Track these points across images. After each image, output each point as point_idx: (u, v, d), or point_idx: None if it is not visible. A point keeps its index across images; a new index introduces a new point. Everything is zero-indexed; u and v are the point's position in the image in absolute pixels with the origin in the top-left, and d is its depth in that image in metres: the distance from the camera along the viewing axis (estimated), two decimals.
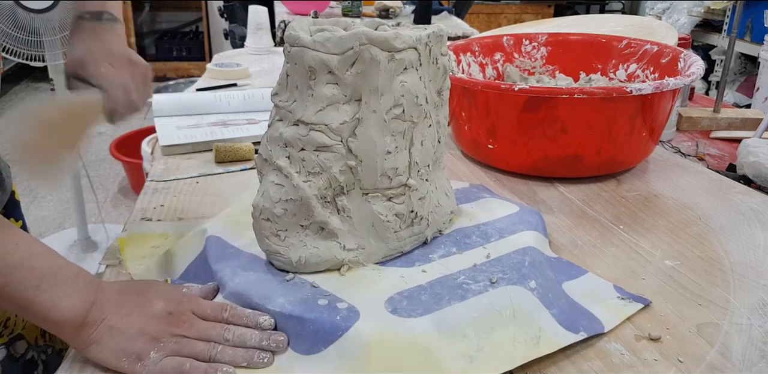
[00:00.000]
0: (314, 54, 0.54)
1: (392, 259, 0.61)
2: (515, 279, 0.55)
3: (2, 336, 0.66)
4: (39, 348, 0.70)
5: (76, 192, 2.03)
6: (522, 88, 0.79)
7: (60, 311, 0.48)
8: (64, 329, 0.49)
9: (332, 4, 2.45)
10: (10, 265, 0.47)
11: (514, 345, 0.50)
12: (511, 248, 0.61)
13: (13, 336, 0.67)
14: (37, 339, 0.70)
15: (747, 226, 0.74)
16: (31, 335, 0.70)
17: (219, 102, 1.11)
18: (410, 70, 0.57)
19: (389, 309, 0.52)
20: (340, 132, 0.56)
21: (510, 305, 0.53)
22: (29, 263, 0.48)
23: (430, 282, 0.56)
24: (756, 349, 0.52)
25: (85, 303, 0.49)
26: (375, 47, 0.54)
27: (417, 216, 0.61)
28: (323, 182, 0.57)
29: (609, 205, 0.79)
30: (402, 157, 0.59)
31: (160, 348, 0.49)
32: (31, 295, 0.48)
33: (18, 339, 0.67)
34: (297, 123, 0.56)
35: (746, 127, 1.22)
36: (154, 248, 0.67)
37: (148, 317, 0.51)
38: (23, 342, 0.68)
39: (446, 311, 0.52)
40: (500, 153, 0.88)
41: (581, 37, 1.07)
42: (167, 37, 4.28)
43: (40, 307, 0.48)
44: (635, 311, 0.57)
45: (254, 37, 1.63)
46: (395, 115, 0.57)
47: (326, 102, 0.55)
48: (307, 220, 0.57)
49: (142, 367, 0.49)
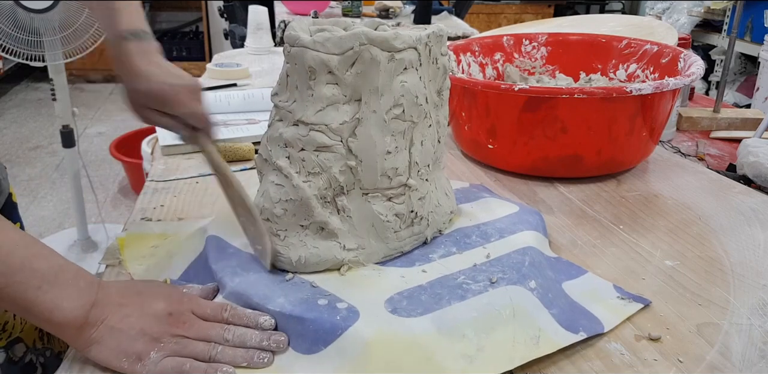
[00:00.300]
0: (314, 54, 0.54)
1: (392, 259, 0.61)
2: (515, 279, 0.55)
3: (1, 339, 0.65)
4: (37, 350, 0.70)
5: (76, 192, 2.03)
6: (522, 88, 0.79)
7: (61, 312, 0.48)
8: (65, 330, 0.49)
9: (332, 4, 2.45)
10: (11, 267, 0.47)
11: (514, 345, 0.50)
12: (511, 248, 0.61)
13: (12, 339, 0.67)
14: (36, 342, 0.70)
15: (747, 226, 0.74)
16: (30, 338, 0.69)
17: (219, 102, 1.11)
18: (410, 70, 0.57)
19: (389, 309, 0.52)
20: (340, 132, 0.56)
21: (510, 305, 0.53)
22: (30, 264, 0.48)
23: (430, 282, 0.56)
24: (756, 349, 0.52)
25: (86, 303, 0.49)
26: (375, 47, 0.54)
27: (417, 216, 0.61)
28: (323, 183, 0.57)
29: (609, 205, 0.79)
30: (402, 157, 0.59)
31: (160, 348, 0.50)
32: (32, 296, 0.48)
33: (16, 342, 0.67)
34: (297, 123, 0.56)
35: (746, 127, 1.22)
36: (154, 249, 0.67)
37: (148, 317, 0.51)
38: (22, 345, 0.68)
39: (446, 311, 0.52)
40: (500, 153, 0.88)
41: (581, 37, 1.07)
42: (167, 37, 4.28)
43: (41, 308, 0.48)
44: (635, 311, 0.57)
45: (254, 37, 1.63)
46: (395, 115, 0.57)
47: (326, 102, 0.55)
48: (307, 220, 0.57)
49: (142, 367, 0.49)
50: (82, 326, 0.49)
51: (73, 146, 1.98)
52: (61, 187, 2.68)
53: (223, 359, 0.50)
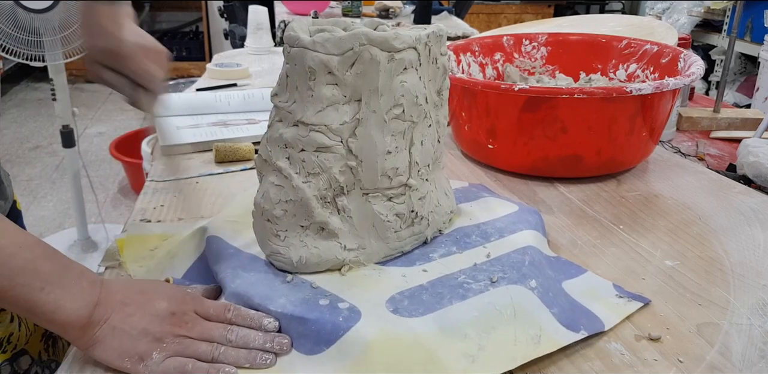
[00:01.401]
0: (314, 55, 0.54)
1: (393, 259, 0.61)
2: (515, 279, 0.56)
3: (6, 352, 0.65)
4: (43, 363, 0.70)
5: (76, 192, 2.03)
6: (522, 88, 0.79)
7: (64, 312, 0.48)
8: (68, 329, 0.49)
9: (332, 4, 2.45)
10: (14, 268, 0.47)
11: (515, 344, 0.50)
12: (511, 248, 0.61)
13: (17, 351, 0.66)
14: (41, 354, 0.70)
15: (747, 226, 0.74)
16: (35, 349, 0.69)
17: (219, 102, 1.11)
18: (410, 70, 0.57)
19: (390, 309, 0.52)
20: (340, 133, 0.56)
21: (510, 304, 0.53)
22: (33, 265, 0.48)
23: (430, 282, 0.56)
24: (756, 349, 0.52)
25: (89, 303, 0.49)
26: (375, 47, 0.54)
27: (417, 216, 0.61)
28: (323, 183, 0.57)
29: (609, 205, 0.79)
30: (402, 157, 0.59)
31: (162, 348, 0.49)
32: (35, 298, 0.48)
33: (22, 355, 0.66)
34: (297, 124, 0.56)
35: (746, 127, 1.22)
36: (154, 250, 0.67)
37: (151, 317, 0.51)
38: (27, 357, 0.67)
39: (447, 310, 0.52)
40: (500, 153, 0.88)
41: (581, 37, 1.07)
42: (167, 37, 4.28)
43: (44, 309, 0.48)
44: (635, 309, 0.57)
45: (254, 37, 1.63)
46: (395, 115, 0.57)
47: (326, 103, 0.55)
48: (307, 220, 0.57)
49: (145, 368, 0.49)
50: (85, 325, 0.49)
51: (73, 146, 1.98)
52: (61, 187, 2.68)
53: (226, 360, 0.50)
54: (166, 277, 0.60)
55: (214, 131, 1.00)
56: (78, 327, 0.49)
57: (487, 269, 0.57)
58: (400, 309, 0.52)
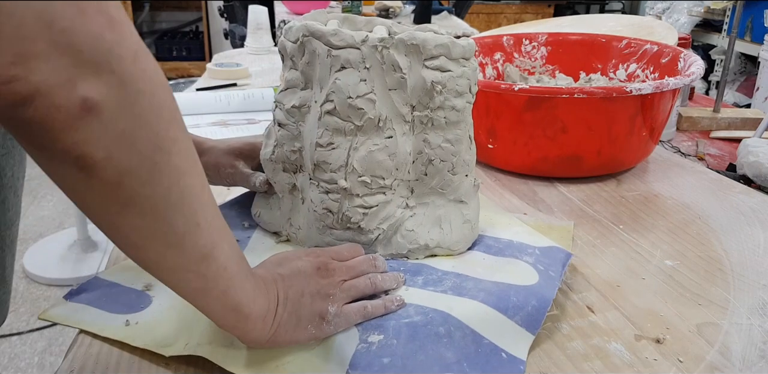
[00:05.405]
0: (281, 40, 0.60)
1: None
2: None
3: None
4: None
5: None
6: (522, 88, 0.79)
7: (256, 305, 0.46)
8: (257, 323, 0.46)
9: (332, 4, 2.45)
10: (214, 277, 0.43)
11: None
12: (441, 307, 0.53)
13: None
14: None
15: (747, 226, 0.74)
16: None
17: (219, 102, 1.11)
18: (350, 70, 0.56)
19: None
20: (294, 114, 0.60)
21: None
22: (225, 264, 0.43)
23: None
24: (756, 349, 0.52)
25: (264, 291, 0.47)
26: (317, 40, 0.56)
27: (353, 223, 0.59)
28: (284, 156, 0.62)
29: (609, 205, 0.79)
30: (337, 155, 0.57)
31: (332, 300, 0.50)
32: (230, 296, 0.44)
33: None
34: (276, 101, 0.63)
35: (746, 127, 1.22)
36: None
37: (305, 280, 0.51)
38: None
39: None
40: (500, 153, 0.88)
41: (581, 37, 1.07)
42: (167, 37, 4.28)
43: (237, 308, 0.44)
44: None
45: (254, 37, 1.63)
46: (327, 110, 0.57)
47: (287, 85, 0.60)
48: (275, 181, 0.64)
49: (328, 325, 0.49)
50: (266, 315, 0.47)
51: None
52: None
53: (385, 284, 0.54)
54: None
55: (214, 130, 1.00)
56: (262, 319, 0.46)
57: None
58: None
